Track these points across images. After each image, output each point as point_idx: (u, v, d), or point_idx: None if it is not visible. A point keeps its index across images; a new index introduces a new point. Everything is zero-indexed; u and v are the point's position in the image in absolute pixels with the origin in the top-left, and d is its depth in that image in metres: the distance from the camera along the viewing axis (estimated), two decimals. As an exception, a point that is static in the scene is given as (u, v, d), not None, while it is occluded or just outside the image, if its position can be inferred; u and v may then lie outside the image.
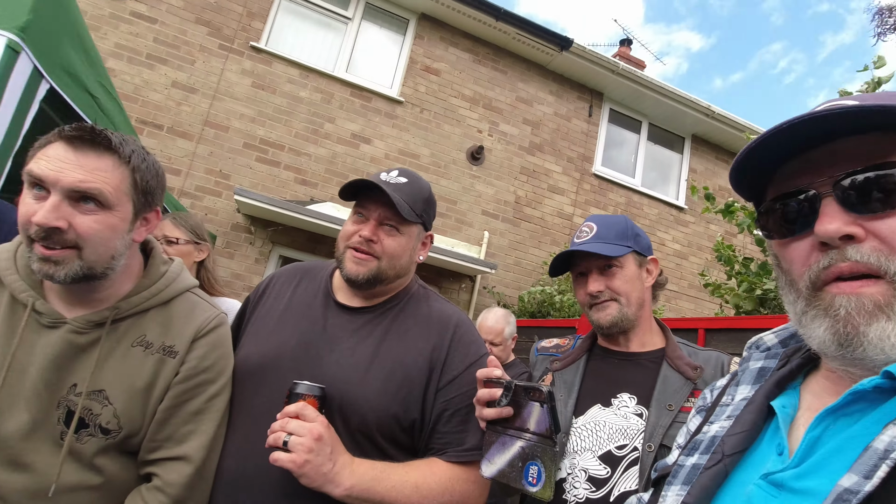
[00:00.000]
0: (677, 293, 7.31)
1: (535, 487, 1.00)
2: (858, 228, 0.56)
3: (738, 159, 0.64)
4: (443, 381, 1.20)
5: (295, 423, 1.02)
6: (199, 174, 5.61)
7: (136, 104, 5.40)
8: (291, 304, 1.32)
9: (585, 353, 1.42)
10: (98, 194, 0.98)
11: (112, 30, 5.47)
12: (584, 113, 7.47)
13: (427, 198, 1.31)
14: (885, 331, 0.53)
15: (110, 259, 1.04)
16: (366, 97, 6.40)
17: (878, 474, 0.46)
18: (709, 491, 0.64)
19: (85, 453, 1.04)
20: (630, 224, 1.41)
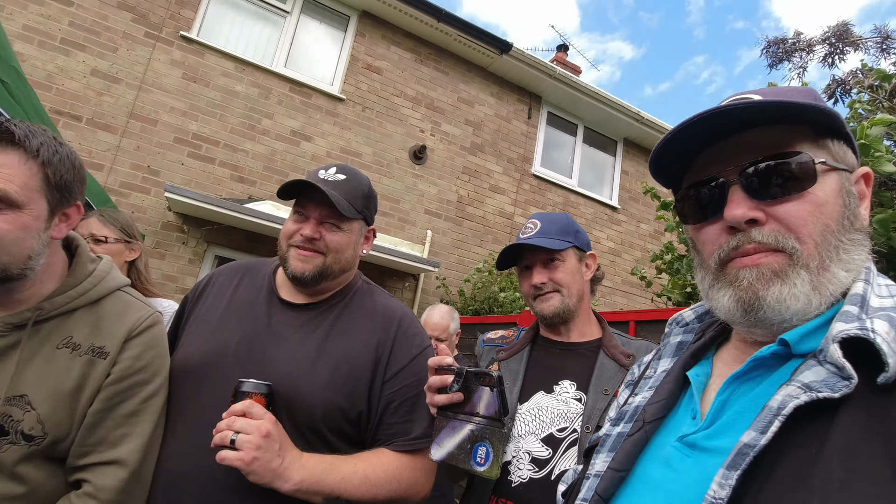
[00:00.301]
0: (612, 289, 7.68)
1: (483, 467, 1.03)
2: (760, 213, 0.61)
3: (657, 150, 0.69)
4: (388, 374, 1.23)
5: (242, 422, 1.01)
6: (124, 169, 5.25)
7: (49, 92, 4.97)
8: (233, 302, 1.30)
9: (529, 343, 1.49)
10: (3, 195, 0.92)
11: (20, 10, 5.01)
12: (524, 115, 7.69)
13: (367, 193, 1.32)
14: (781, 293, 0.59)
15: (27, 259, 0.99)
16: (306, 93, 6.25)
17: (771, 429, 0.51)
18: (631, 456, 0.69)
19: (5, 462, 0.98)
20: (571, 221, 1.50)
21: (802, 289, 0.59)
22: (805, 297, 0.58)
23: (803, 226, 0.60)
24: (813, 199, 0.60)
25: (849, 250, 0.60)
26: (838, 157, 0.63)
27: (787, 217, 0.60)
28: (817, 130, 0.62)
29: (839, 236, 0.60)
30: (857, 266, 0.61)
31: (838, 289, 0.59)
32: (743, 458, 0.51)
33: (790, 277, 0.59)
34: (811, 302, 0.59)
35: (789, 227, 0.60)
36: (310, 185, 1.22)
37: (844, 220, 0.61)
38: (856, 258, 0.61)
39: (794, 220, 0.60)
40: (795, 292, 0.59)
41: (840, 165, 0.62)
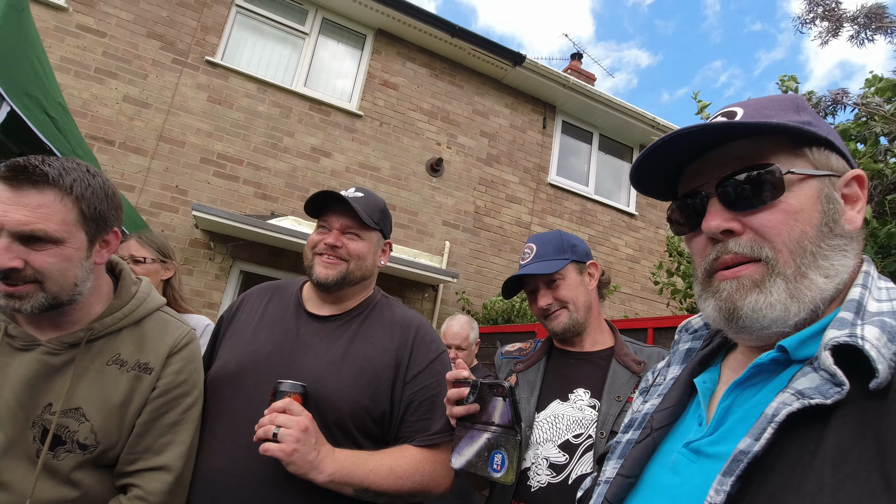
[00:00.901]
0: (630, 296, 7.64)
1: (499, 473, 1.10)
2: (737, 224, 0.63)
3: (635, 166, 0.72)
4: (409, 376, 1.33)
5: (283, 417, 1.11)
6: (154, 190, 5.49)
7: (84, 119, 5.24)
8: (265, 317, 1.42)
9: (545, 354, 1.56)
10: (43, 234, 0.98)
11: (57, 43, 5.31)
12: (539, 125, 7.75)
13: (382, 209, 1.46)
14: (756, 302, 0.61)
15: (73, 286, 1.06)
16: (325, 111, 6.43)
17: (765, 436, 0.52)
18: (640, 462, 0.70)
19: (62, 469, 1.07)
20: (565, 237, 1.56)
21: (778, 297, 0.60)
22: (781, 305, 0.60)
23: (777, 234, 0.61)
24: (785, 207, 0.62)
25: (828, 256, 0.61)
26: (818, 164, 0.64)
27: (760, 227, 0.62)
28: (795, 140, 0.64)
29: (817, 242, 0.61)
30: (839, 271, 0.61)
31: (818, 295, 0.60)
32: (737, 465, 0.52)
33: (766, 286, 0.60)
34: (789, 309, 0.59)
35: (764, 237, 0.62)
36: (332, 197, 1.36)
37: (823, 227, 0.61)
38: (836, 264, 0.61)
39: (768, 230, 0.62)
40: (771, 301, 0.60)
41: (819, 172, 0.63)
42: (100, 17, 5.55)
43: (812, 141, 0.64)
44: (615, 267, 7.60)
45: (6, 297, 0.99)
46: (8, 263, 0.95)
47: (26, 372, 1.06)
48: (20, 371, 1.06)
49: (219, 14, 6.11)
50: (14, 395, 1.04)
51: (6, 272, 0.97)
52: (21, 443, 1.05)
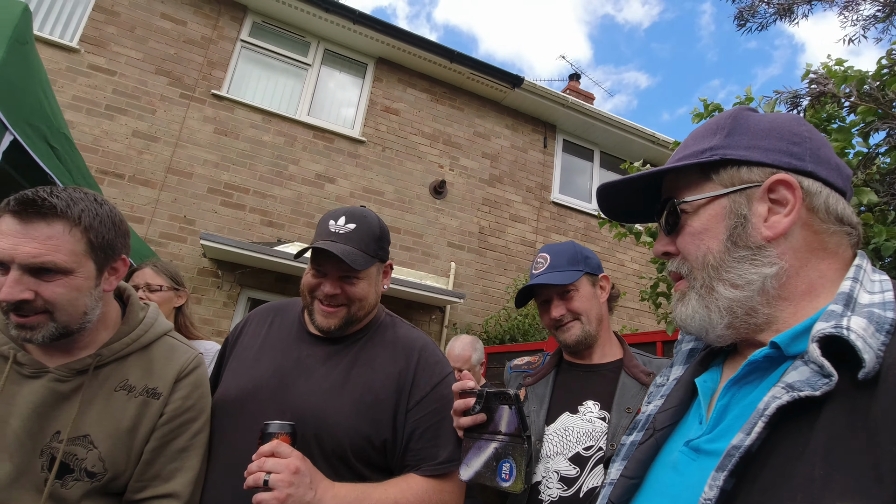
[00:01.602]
0: (638, 311, 7.56)
1: (508, 482, 1.07)
2: (671, 247, 0.73)
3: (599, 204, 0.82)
4: (412, 402, 1.27)
5: (272, 462, 1.05)
6: (163, 221, 5.59)
7: (95, 154, 5.40)
8: (267, 340, 1.38)
9: (554, 367, 1.55)
10: (53, 265, 0.99)
11: (69, 83, 5.52)
12: (540, 144, 7.83)
13: (378, 235, 1.35)
14: (681, 312, 0.71)
15: (83, 315, 1.07)
16: (328, 138, 6.56)
17: (755, 430, 0.52)
18: (643, 463, 0.71)
19: (70, 498, 1.05)
20: (578, 248, 1.55)
21: (695, 308, 0.69)
22: (699, 315, 0.68)
23: (689, 254, 0.70)
24: (690, 230, 0.70)
25: (732, 269, 0.66)
26: (725, 183, 0.68)
27: (682, 247, 0.72)
28: (701, 168, 0.70)
29: (722, 256, 0.66)
30: (750, 280, 0.64)
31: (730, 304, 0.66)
32: (729, 460, 0.53)
33: (686, 299, 0.71)
34: (710, 317, 0.67)
35: (684, 257, 0.71)
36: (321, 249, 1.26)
37: (727, 242, 0.66)
38: (743, 274, 0.65)
39: (684, 251, 0.71)
40: (689, 311, 0.69)
41: (721, 192, 0.67)
42: (110, 56, 5.76)
43: (719, 165, 0.69)
44: (622, 282, 7.54)
45: (18, 328, 1.00)
46: (19, 296, 0.96)
47: (35, 399, 1.05)
48: (29, 398, 1.05)
49: (224, 49, 6.32)
50: (22, 424, 1.03)
51: (17, 304, 0.98)
52: (29, 472, 1.03)
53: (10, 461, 1.02)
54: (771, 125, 0.68)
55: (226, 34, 6.35)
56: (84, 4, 5.87)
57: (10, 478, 1.01)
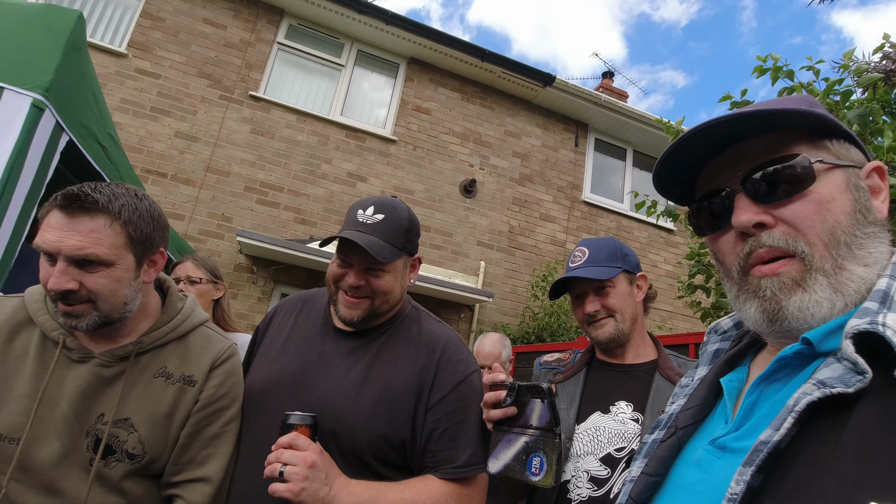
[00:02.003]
0: (672, 313, 7.39)
1: (538, 477, 1.06)
2: (767, 216, 0.62)
3: (656, 169, 0.72)
4: (432, 401, 1.23)
5: (289, 454, 1.05)
6: (202, 218, 5.81)
7: (140, 154, 5.65)
8: (292, 332, 1.38)
9: (585, 365, 1.52)
10: (95, 257, 1.05)
11: (118, 86, 5.79)
12: (571, 143, 7.75)
13: (407, 227, 1.31)
14: (802, 301, 0.59)
15: (123, 305, 1.12)
16: (360, 138, 6.67)
17: (784, 425, 0.51)
18: (664, 461, 0.70)
19: (112, 478, 1.11)
20: (618, 245, 1.52)
21: (823, 294, 0.58)
22: (828, 302, 0.58)
23: (811, 226, 0.60)
24: (817, 197, 0.60)
25: (864, 244, 0.59)
26: (840, 155, 0.63)
27: (793, 218, 0.61)
28: (813, 133, 0.64)
29: (852, 231, 0.59)
30: (877, 259, 0.59)
31: (862, 285, 0.58)
32: (757, 455, 0.52)
33: (809, 285, 0.59)
34: (835, 305, 0.58)
35: (797, 229, 0.60)
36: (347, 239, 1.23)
37: (857, 214, 0.60)
38: (873, 251, 0.59)
39: (801, 221, 0.60)
40: (817, 299, 0.58)
41: (842, 162, 0.62)
42: (155, 60, 6.03)
43: (832, 132, 0.64)
44: (655, 284, 7.37)
45: (65, 316, 1.06)
46: (65, 285, 1.02)
47: (81, 383, 1.11)
48: (76, 382, 1.11)
49: (261, 52, 6.51)
50: (70, 406, 1.09)
51: (64, 293, 1.03)
52: (75, 452, 1.09)
53: (58, 440, 1.08)
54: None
55: (263, 37, 6.55)
56: (132, 11, 6.16)
57: (58, 456, 1.07)
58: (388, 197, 1.34)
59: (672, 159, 0.70)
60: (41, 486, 1.07)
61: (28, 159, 1.50)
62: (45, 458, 1.07)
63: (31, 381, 1.10)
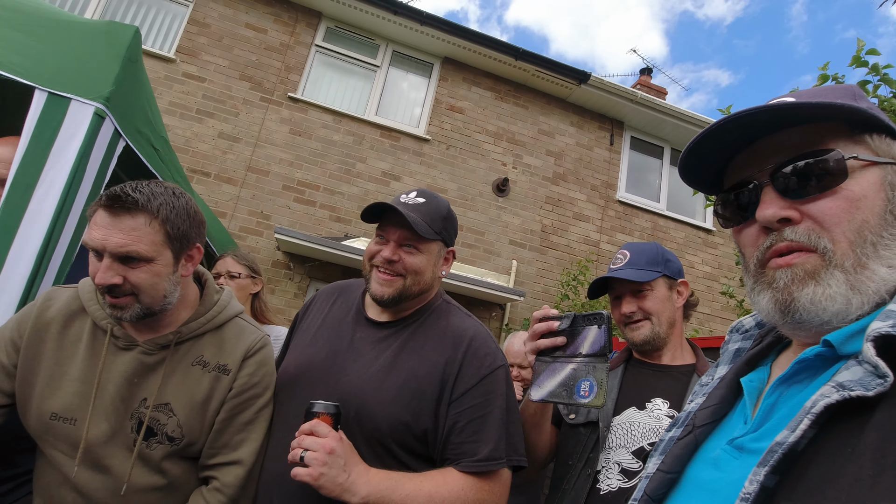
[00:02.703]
0: (710, 315, 7.19)
1: (587, 399, 1.07)
2: (794, 212, 0.61)
3: (683, 157, 0.71)
4: (455, 394, 1.24)
5: (309, 440, 1.09)
6: (243, 216, 6.05)
7: (186, 155, 5.93)
8: (327, 320, 1.43)
9: (623, 363, 1.55)
10: (137, 254, 1.12)
11: (166, 90, 6.09)
12: (606, 141, 7.64)
13: (445, 215, 1.36)
14: (815, 294, 0.58)
15: (163, 298, 1.19)
16: (394, 137, 6.78)
17: (800, 427, 0.51)
18: (681, 459, 0.70)
19: (153, 458, 1.19)
20: (661, 250, 1.53)
21: (838, 289, 0.57)
22: (843, 298, 0.57)
23: (837, 224, 0.58)
24: (847, 194, 0.59)
25: (890, 246, 0.58)
26: (880, 150, 0.61)
27: (820, 215, 0.59)
28: (853, 126, 0.61)
29: (879, 231, 0.58)
30: None
31: (882, 286, 0.57)
32: (772, 456, 0.52)
33: (823, 278, 0.58)
34: (851, 302, 0.57)
35: (823, 226, 0.59)
36: (389, 207, 1.28)
37: (887, 215, 0.59)
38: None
39: (828, 218, 0.59)
40: (830, 293, 0.57)
41: (881, 159, 0.60)
42: (201, 64, 6.30)
43: (873, 127, 0.61)
44: (692, 285, 7.20)
45: (111, 307, 1.15)
46: (110, 280, 1.10)
47: (126, 369, 1.20)
48: (122, 368, 1.19)
49: (300, 54, 6.70)
50: (117, 390, 1.18)
51: (110, 287, 1.11)
52: (121, 433, 1.18)
53: (106, 422, 1.17)
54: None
55: (302, 40, 6.73)
56: (181, 18, 6.46)
57: (106, 436, 1.17)
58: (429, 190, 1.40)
59: (702, 147, 0.68)
60: (91, 462, 1.16)
61: (90, 163, 1.64)
62: (96, 437, 1.16)
63: (82, 366, 1.19)
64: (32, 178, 1.46)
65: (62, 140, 1.53)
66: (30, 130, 1.49)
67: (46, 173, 1.48)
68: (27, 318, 1.22)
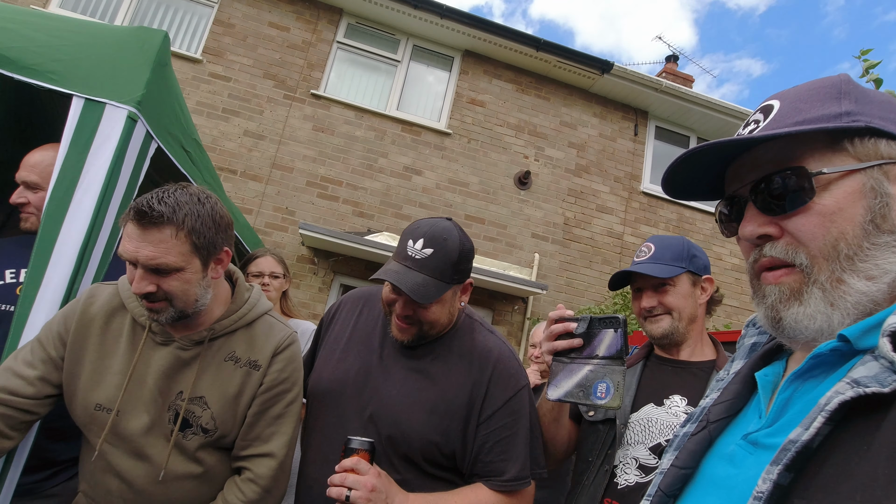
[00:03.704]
0: (738, 308, 7.03)
1: (604, 400, 1.09)
2: (774, 227, 0.61)
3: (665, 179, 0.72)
4: (483, 416, 1.30)
5: (352, 479, 1.14)
6: (268, 212, 6.17)
7: (213, 153, 6.06)
8: (355, 332, 1.47)
9: (642, 359, 1.55)
10: (166, 266, 1.17)
11: (194, 90, 6.24)
12: (630, 132, 7.51)
13: (456, 260, 1.29)
14: (797, 314, 0.59)
15: (195, 302, 1.25)
16: (416, 132, 6.81)
17: (814, 425, 0.50)
18: (695, 454, 0.70)
19: (189, 448, 1.26)
20: (687, 245, 1.52)
21: (816, 307, 0.58)
22: (822, 316, 0.58)
23: (812, 240, 0.59)
24: (820, 209, 0.59)
25: (869, 256, 0.57)
26: (862, 155, 0.59)
27: (796, 231, 0.60)
28: (834, 135, 0.60)
29: (858, 242, 0.57)
30: (888, 270, 0.57)
31: (862, 298, 0.57)
32: (785, 454, 0.51)
33: (805, 297, 0.59)
34: (831, 318, 0.57)
35: (800, 241, 0.60)
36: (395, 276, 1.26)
37: (867, 225, 0.57)
38: (882, 263, 0.57)
39: (803, 234, 0.59)
40: (810, 312, 0.58)
41: (861, 165, 0.58)
42: (226, 64, 6.43)
43: (854, 131, 0.59)
44: (719, 278, 7.06)
45: (149, 311, 1.22)
46: (145, 289, 1.17)
47: (164, 363, 1.26)
48: (160, 363, 1.26)
49: (322, 51, 6.77)
50: (155, 383, 1.25)
51: (145, 294, 1.19)
52: (160, 424, 1.25)
53: (146, 413, 1.24)
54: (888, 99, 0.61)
55: (323, 37, 6.81)
56: (206, 19, 6.60)
57: (146, 427, 1.23)
58: (441, 225, 1.32)
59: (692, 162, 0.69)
60: (132, 450, 1.23)
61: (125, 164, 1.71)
62: (136, 427, 1.23)
63: (124, 360, 1.26)
64: (73, 180, 1.54)
65: (98, 143, 1.59)
66: (69, 135, 1.56)
67: (85, 175, 1.55)
68: (73, 313, 1.29)
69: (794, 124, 0.60)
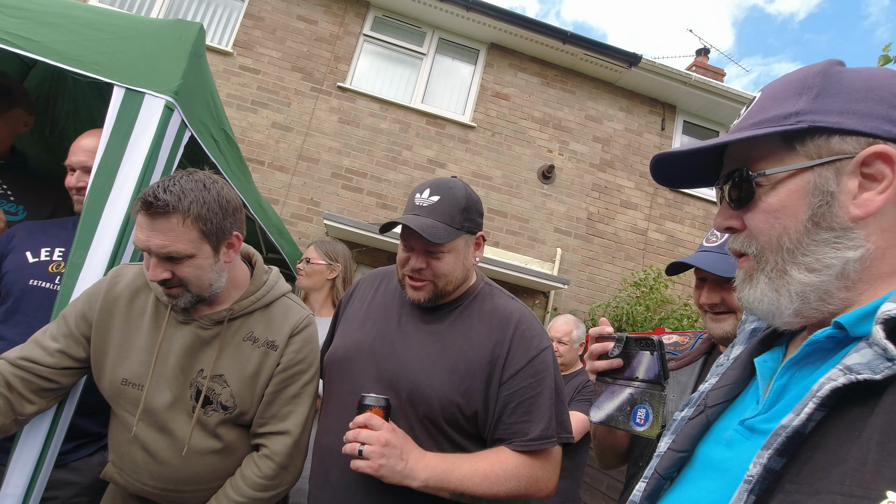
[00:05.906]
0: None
1: (643, 427, 1.05)
2: (736, 221, 0.67)
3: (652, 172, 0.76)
4: (505, 375, 1.26)
5: (365, 433, 1.14)
6: (294, 203, 6.30)
7: (242, 144, 6.22)
8: (373, 304, 1.47)
9: (703, 355, 1.41)
10: (177, 253, 1.19)
11: (224, 83, 6.39)
12: (657, 127, 7.39)
13: (464, 205, 1.31)
14: (749, 296, 0.67)
15: (209, 286, 1.28)
16: (440, 124, 6.84)
17: (805, 410, 0.51)
18: (692, 438, 0.71)
19: (210, 424, 1.30)
20: None
21: (763, 292, 0.64)
22: (768, 299, 0.64)
23: (761, 233, 0.64)
24: (766, 206, 0.64)
25: (810, 252, 0.61)
26: (812, 153, 0.61)
27: (750, 225, 0.66)
28: (785, 136, 0.62)
29: (800, 238, 0.61)
30: (828, 264, 0.60)
31: (804, 288, 0.61)
32: (776, 439, 0.52)
33: (754, 281, 0.66)
34: (779, 301, 0.63)
35: (752, 235, 0.66)
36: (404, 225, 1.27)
37: (807, 222, 0.61)
38: (822, 258, 0.60)
39: (754, 228, 0.65)
40: (757, 295, 0.65)
41: (808, 164, 0.61)
42: (255, 57, 6.56)
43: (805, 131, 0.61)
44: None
45: (167, 296, 1.27)
46: (160, 276, 1.21)
47: (185, 342, 1.29)
48: (182, 341, 1.29)
49: (349, 44, 6.84)
50: (178, 361, 1.28)
51: (161, 281, 1.23)
52: (182, 400, 1.29)
53: (169, 390, 1.28)
54: (867, 85, 0.60)
55: (350, 30, 6.87)
56: (238, 13, 6.73)
57: (169, 403, 1.28)
58: (446, 178, 1.37)
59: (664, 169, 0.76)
60: (157, 425, 1.28)
61: (161, 152, 1.79)
62: (161, 403, 1.28)
63: (148, 337, 1.31)
64: (114, 166, 1.62)
65: (138, 130, 1.67)
66: (111, 122, 1.64)
67: (125, 161, 1.63)
68: (98, 292, 1.34)
69: (752, 126, 0.65)
